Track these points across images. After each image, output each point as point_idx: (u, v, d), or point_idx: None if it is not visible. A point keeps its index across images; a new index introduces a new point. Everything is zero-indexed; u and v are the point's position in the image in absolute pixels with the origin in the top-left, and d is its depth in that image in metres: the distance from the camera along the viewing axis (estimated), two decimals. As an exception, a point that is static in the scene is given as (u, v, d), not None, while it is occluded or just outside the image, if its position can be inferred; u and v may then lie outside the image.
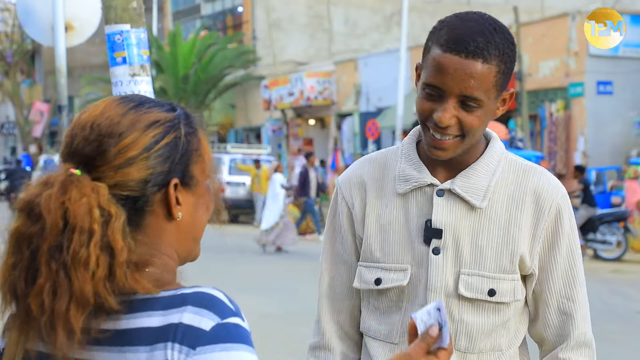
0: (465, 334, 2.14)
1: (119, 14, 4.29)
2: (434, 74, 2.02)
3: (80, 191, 1.39)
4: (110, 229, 1.38)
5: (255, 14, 36.48)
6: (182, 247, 1.51)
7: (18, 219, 1.41)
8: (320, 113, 32.43)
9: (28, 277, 1.38)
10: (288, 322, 9.92)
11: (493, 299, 2.13)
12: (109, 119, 1.45)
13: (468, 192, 2.12)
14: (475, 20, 2.04)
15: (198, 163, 1.50)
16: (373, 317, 2.23)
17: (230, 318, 1.38)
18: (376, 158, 2.27)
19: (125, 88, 4.33)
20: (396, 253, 2.18)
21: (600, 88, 22.15)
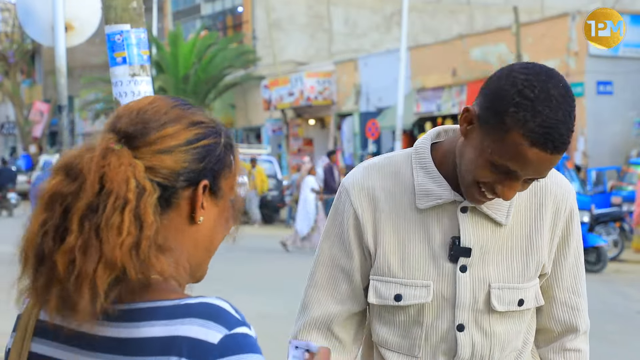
0: (498, 346, 2.17)
1: (119, 14, 4.29)
2: (514, 161, 1.93)
3: (119, 160, 1.40)
4: (144, 202, 1.39)
5: (255, 14, 36.48)
6: (194, 256, 1.51)
7: (54, 178, 1.42)
8: (320, 113, 32.43)
9: (56, 236, 1.38)
10: (288, 322, 9.91)
11: (521, 308, 2.17)
12: (157, 108, 1.48)
13: (492, 209, 2.11)
14: (558, 102, 1.92)
15: (228, 178, 1.51)
16: (389, 330, 2.21)
17: (238, 328, 1.37)
18: (385, 166, 2.19)
19: (125, 88, 4.33)
20: (417, 269, 2.14)
21: (600, 88, 22.15)
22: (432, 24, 36.60)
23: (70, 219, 1.38)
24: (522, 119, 1.89)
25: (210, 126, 1.50)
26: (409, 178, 2.15)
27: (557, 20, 23.06)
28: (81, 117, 44.92)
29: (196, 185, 1.46)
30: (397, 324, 2.19)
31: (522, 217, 2.15)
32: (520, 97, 1.90)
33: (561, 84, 1.96)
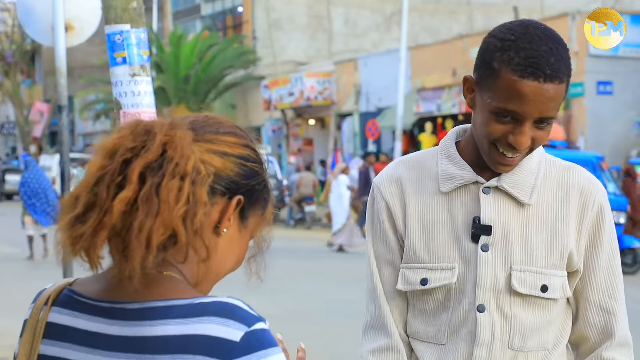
0: (518, 332, 2.14)
1: (119, 14, 4.30)
2: (511, 100, 2.00)
3: (184, 135, 1.43)
4: (199, 181, 1.41)
5: (255, 14, 36.48)
6: (205, 271, 1.50)
7: (119, 133, 1.42)
8: (320, 113, 32.43)
9: (112, 184, 1.38)
10: (288, 322, 9.92)
11: (545, 295, 2.13)
12: (223, 120, 1.53)
13: (515, 188, 2.13)
14: (540, 38, 2.02)
15: (256, 216, 1.53)
16: (419, 319, 2.22)
17: (256, 324, 1.38)
18: (410, 160, 2.27)
19: (125, 88, 4.33)
20: (442, 252, 2.17)
21: (600, 88, 22.15)
22: (432, 24, 36.59)
23: (132, 170, 1.38)
24: (507, 57, 1.99)
25: (260, 159, 1.54)
26: (434, 167, 2.21)
27: (557, 20, 23.05)
28: (81, 117, 44.93)
29: (231, 197, 1.47)
30: (426, 311, 2.20)
31: (546, 203, 2.15)
32: (502, 42, 2.01)
33: (542, 26, 2.05)
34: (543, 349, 2.17)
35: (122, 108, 4.32)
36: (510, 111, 2.01)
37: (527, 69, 1.97)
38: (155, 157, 1.39)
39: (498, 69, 2.00)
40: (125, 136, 1.41)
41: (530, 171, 2.15)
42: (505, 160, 2.07)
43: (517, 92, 1.98)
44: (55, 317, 1.48)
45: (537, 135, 2.05)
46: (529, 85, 1.98)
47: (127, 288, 1.42)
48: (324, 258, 17.24)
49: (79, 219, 1.39)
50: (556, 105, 2.03)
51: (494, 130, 2.04)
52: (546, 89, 1.99)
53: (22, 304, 8.79)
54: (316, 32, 36.82)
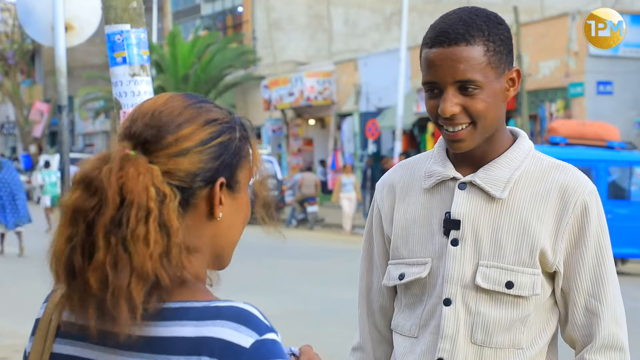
0: (481, 327, 2.13)
1: (119, 14, 4.29)
2: (427, 71, 2.10)
3: (136, 169, 1.40)
4: (166, 208, 1.40)
5: (255, 14, 36.48)
6: (216, 249, 1.52)
7: (74, 192, 1.42)
8: (320, 113, 32.43)
9: (84, 252, 1.39)
10: (288, 322, 9.92)
11: (511, 292, 2.12)
12: (171, 109, 1.48)
13: (488, 183, 2.14)
14: (456, 13, 2.12)
15: (245, 169, 1.52)
16: (402, 314, 2.27)
17: (268, 334, 1.39)
18: (408, 162, 2.33)
19: (125, 88, 4.33)
20: (418, 247, 2.21)
21: (600, 88, 22.15)
22: (432, 24, 36.54)
23: (96, 234, 1.38)
24: (425, 38, 2.12)
25: (225, 122, 1.50)
26: (424, 168, 2.25)
27: (557, 20, 23.06)
28: (81, 117, 44.93)
29: (213, 184, 1.47)
30: (408, 305, 2.25)
31: (522, 199, 2.14)
32: (428, 28, 2.15)
33: (469, 7, 2.13)
34: (515, 347, 2.14)
35: (122, 108, 4.32)
36: (430, 83, 2.10)
37: (434, 39, 2.08)
38: (115, 211, 1.38)
39: (422, 50, 2.13)
40: (80, 196, 1.41)
41: (508, 166, 2.15)
42: (450, 135, 2.11)
43: (429, 62, 2.09)
44: (69, 316, 1.48)
45: (468, 103, 2.07)
46: (435, 52, 2.07)
47: None
48: (324, 258, 17.23)
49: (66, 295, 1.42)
50: (472, 68, 2.05)
51: (429, 107, 2.12)
52: (452, 51, 2.06)
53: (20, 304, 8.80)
54: (316, 32, 36.82)
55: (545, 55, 22.85)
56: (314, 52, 36.55)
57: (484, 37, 2.07)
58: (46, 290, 1.57)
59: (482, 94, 2.07)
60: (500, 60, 2.09)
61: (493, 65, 2.07)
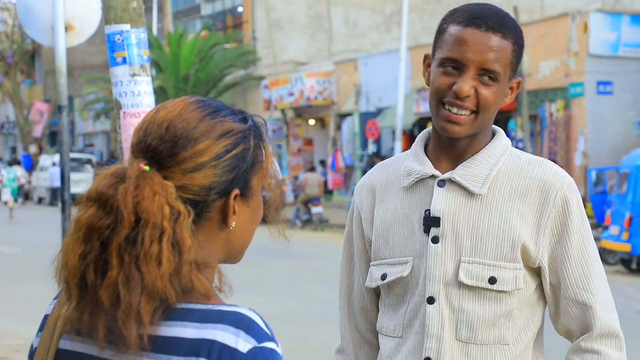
0: (465, 324, 2.14)
1: (119, 14, 4.29)
2: (454, 47, 2.09)
3: (151, 188, 1.41)
4: (179, 226, 1.40)
5: (255, 14, 36.48)
6: (227, 253, 1.53)
7: (89, 209, 1.42)
8: (320, 113, 32.43)
9: (97, 269, 1.40)
10: (288, 322, 9.92)
11: (494, 287, 2.12)
12: (186, 122, 1.47)
13: (467, 179, 2.14)
14: (488, 6, 2.15)
15: (259, 174, 1.52)
16: (386, 315, 2.27)
17: (267, 342, 1.39)
18: (387, 163, 2.33)
19: (125, 88, 4.33)
20: (399, 247, 2.21)
21: (600, 88, 22.14)
22: (432, 24, 36.56)
23: (110, 253, 1.39)
24: (454, 16, 2.14)
25: (240, 131, 1.50)
26: (402, 166, 2.25)
27: (557, 20, 23.05)
28: (81, 117, 44.92)
29: (227, 195, 1.47)
30: (391, 306, 2.25)
31: (501, 194, 2.15)
32: (452, 11, 2.18)
33: (496, 7, 2.18)
34: (501, 343, 2.15)
35: (122, 108, 4.32)
36: (453, 59, 2.09)
37: (470, 20, 2.10)
38: (129, 230, 1.39)
39: (446, 26, 2.14)
40: (95, 214, 1.42)
41: (487, 163, 2.16)
42: (451, 117, 2.10)
43: (459, 39, 2.09)
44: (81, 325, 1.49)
45: (482, 91, 2.09)
46: (471, 32, 2.08)
47: None
48: (325, 259, 17.23)
49: (75, 309, 1.43)
50: (499, 60, 2.09)
51: (440, 82, 2.11)
52: (488, 37, 2.08)
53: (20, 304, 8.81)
54: (316, 32, 36.81)
55: (545, 55, 22.85)
56: (314, 52, 36.54)
57: (515, 37, 2.13)
58: (46, 291, 1.58)
59: (494, 87, 2.10)
60: (516, 64, 2.15)
61: (511, 66, 2.13)
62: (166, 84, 32.60)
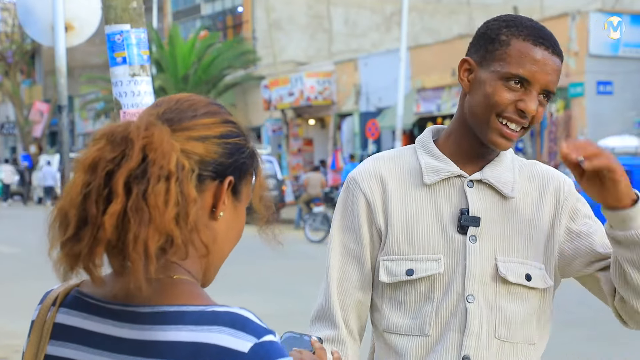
0: (503, 322, 2.18)
1: (119, 14, 4.29)
2: (524, 65, 2.10)
3: (161, 133, 1.41)
4: (185, 176, 1.40)
5: (255, 14, 36.48)
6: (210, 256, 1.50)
7: (96, 144, 1.41)
8: (320, 113, 32.43)
9: (99, 199, 1.37)
10: (288, 322, 9.92)
11: (530, 284, 2.18)
12: (196, 100, 1.51)
13: (499, 182, 2.20)
14: (540, 25, 2.18)
15: (248, 186, 1.53)
16: (400, 312, 2.23)
17: (266, 336, 1.38)
18: (388, 155, 2.31)
19: (125, 88, 4.33)
20: (426, 243, 2.20)
21: (600, 88, 22.16)
22: (432, 24, 36.57)
23: (116, 182, 1.37)
24: (515, 30, 2.12)
25: (241, 130, 1.52)
26: (414, 161, 2.26)
27: (557, 20, 23.06)
28: (81, 117, 44.93)
29: (222, 179, 1.47)
30: (408, 303, 2.22)
31: (523, 197, 2.23)
32: (505, 22, 2.16)
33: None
34: (529, 342, 2.21)
35: (122, 108, 4.32)
36: (521, 77, 2.09)
37: (538, 38, 2.11)
38: (137, 164, 1.38)
39: (507, 39, 2.12)
40: (103, 147, 1.40)
41: (507, 167, 2.23)
42: (507, 133, 2.13)
43: (530, 57, 2.10)
44: (63, 318, 1.48)
45: (539, 110, 2.13)
46: (541, 52, 2.10)
47: (138, 291, 1.42)
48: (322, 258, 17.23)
49: (73, 238, 1.39)
50: (556, 83, 2.14)
51: (503, 98, 2.10)
52: (554, 60, 2.12)
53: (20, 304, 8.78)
54: (316, 32, 36.82)
55: (545, 55, 22.85)
56: (314, 52, 36.54)
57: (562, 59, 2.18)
58: (46, 291, 1.57)
59: (545, 105, 2.16)
60: None
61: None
62: (166, 84, 32.61)
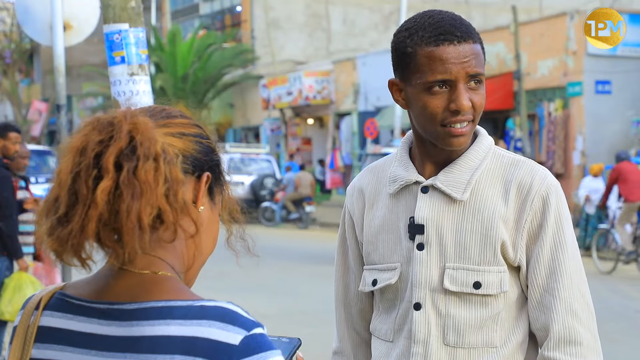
0: (452, 328, 2.14)
1: (118, 13, 4.29)
2: (436, 68, 2.08)
3: (145, 120, 1.45)
4: (172, 160, 1.43)
5: (254, 13, 36.46)
6: (195, 251, 1.52)
7: (83, 129, 1.44)
8: (318, 112, 32.42)
9: (89, 179, 1.39)
10: (287, 322, 9.92)
11: (479, 292, 2.12)
12: (169, 108, 1.56)
13: (449, 185, 2.15)
14: (443, 14, 2.14)
15: (219, 193, 1.55)
16: (379, 318, 2.29)
17: (255, 329, 1.40)
18: (375, 166, 2.34)
19: (124, 87, 4.33)
20: (387, 253, 2.23)
21: (598, 87, 22.15)
22: (431, 23, 36.48)
23: (106, 160, 1.39)
24: (417, 38, 2.09)
25: (211, 137, 1.55)
26: (388, 171, 2.27)
27: (555, 20, 23.06)
28: (80, 116, 44.91)
29: (200, 174, 1.49)
30: (384, 310, 2.27)
31: (484, 198, 2.15)
32: (406, 32, 2.13)
33: (438, 10, 2.16)
34: (489, 346, 2.14)
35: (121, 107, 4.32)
36: (441, 80, 2.07)
37: (439, 36, 2.08)
38: (125, 144, 1.40)
39: (413, 50, 2.10)
40: (90, 132, 1.43)
41: (469, 167, 2.16)
42: (455, 132, 2.10)
43: (438, 59, 2.07)
44: (48, 321, 1.48)
45: (475, 99, 2.10)
46: (446, 49, 2.07)
47: (123, 289, 1.43)
48: (325, 258, 17.23)
49: (63, 218, 1.40)
50: (479, 63, 2.10)
51: (435, 107, 2.09)
52: (463, 48, 2.08)
53: (21, 304, 8.52)
54: (315, 32, 36.80)
55: (543, 54, 22.85)
56: (313, 51, 36.53)
57: (478, 37, 2.13)
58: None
59: (481, 88, 2.12)
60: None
61: (484, 64, 2.14)
62: (165, 84, 32.59)
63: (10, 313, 7.36)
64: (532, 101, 23.23)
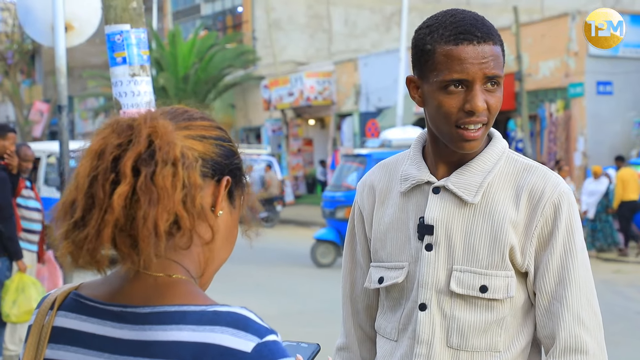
0: (456, 331, 2.13)
1: (119, 14, 4.30)
2: (454, 68, 2.06)
3: (165, 124, 1.43)
4: (191, 165, 1.41)
5: (255, 14, 36.47)
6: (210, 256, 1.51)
7: (102, 132, 1.42)
8: (320, 113, 32.42)
9: (106, 183, 1.38)
10: (287, 322, 9.92)
11: (485, 296, 2.11)
12: (190, 109, 1.55)
13: (461, 187, 2.13)
14: (465, 13, 2.13)
15: (240, 195, 1.54)
16: (384, 316, 2.28)
17: (268, 336, 1.38)
18: (387, 163, 2.32)
19: (125, 88, 4.33)
20: (396, 251, 2.22)
21: (600, 88, 22.15)
22: (432, 24, 36.48)
23: (124, 164, 1.38)
24: (437, 36, 2.08)
25: (232, 140, 1.55)
26: (401, 169, 2.26)
27: (557, 21, 23.06)
28: (81, 117, 44.92)
29: (220, 179, 1.48)
30: (390, 308, 2.26)
31: (495, 202, 2.13)
32: (428, 28, 2.12)
33: (460, 9, 2.15)
34: (492, 350, 2.13)
35: (122, 108, 4.33)
36: (456, 80, 2.06)
37: (459, 35, 2.06)
38: (144, 149, 1.39)
39: (432, 48, 2.09)
40: (109, 135, 1.41)
41: (482, 170, 2.15)
42: (469, 135, 2.08)
43: (456, 58, 2.05)
44: (62, 322, 1.48)
45: (490, 101, 2.08)
46: (466, 49, 2.05)
47: (137, 292, 1.42)
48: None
49: (79, 222, 1.39)
50: (498, 64, 2.08)
51: (450, 106, 2.07)
52: (482, 48, 2.06)
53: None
54: (316, 32, 36.80)
55: (545, 55, 22.85)
56: (314, 52, 36.54)
57: (499, 39, 2.11)
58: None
59: (498, 91, 2.10)
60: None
61: (503, 66, 2.12)
62: (167, 84, 32.60)
63: (15, 315, 7.37)
64: (534, 102, 23.23)
